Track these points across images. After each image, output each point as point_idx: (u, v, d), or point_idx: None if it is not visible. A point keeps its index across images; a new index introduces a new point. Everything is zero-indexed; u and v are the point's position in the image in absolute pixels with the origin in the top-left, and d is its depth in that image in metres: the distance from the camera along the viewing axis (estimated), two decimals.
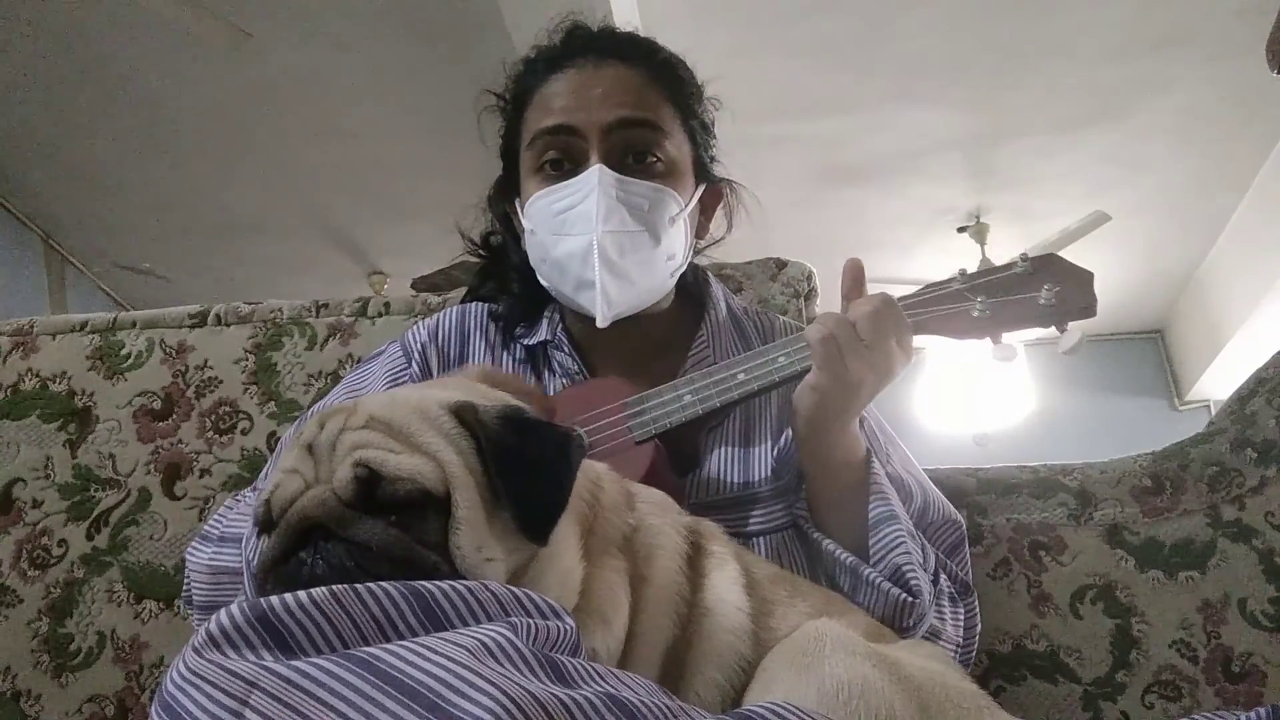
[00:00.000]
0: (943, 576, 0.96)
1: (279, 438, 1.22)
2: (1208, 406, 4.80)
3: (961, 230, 4.21)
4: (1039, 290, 0.93)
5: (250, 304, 1.32)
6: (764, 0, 2.92)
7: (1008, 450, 4.37)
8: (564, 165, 1.05)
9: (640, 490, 0.81)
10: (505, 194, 1.15)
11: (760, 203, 1.19)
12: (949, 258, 4.33)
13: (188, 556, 1.00)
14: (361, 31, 3.21)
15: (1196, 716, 0.68)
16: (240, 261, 4.54)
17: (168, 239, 4.37)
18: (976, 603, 1.01)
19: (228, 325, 1.30)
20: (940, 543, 1.01)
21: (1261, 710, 0.59)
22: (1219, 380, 4.58)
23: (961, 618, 0.97)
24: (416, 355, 1.10)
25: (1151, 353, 5.07)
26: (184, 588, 1.02)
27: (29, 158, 3.83)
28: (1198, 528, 1.09)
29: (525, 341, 1.11)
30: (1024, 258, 0.97)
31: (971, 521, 1.13)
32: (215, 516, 1.03)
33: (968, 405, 4.55)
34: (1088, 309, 0.93)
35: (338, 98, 3.52)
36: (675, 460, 0.99)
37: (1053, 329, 0.95)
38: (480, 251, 1.21)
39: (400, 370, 1.09)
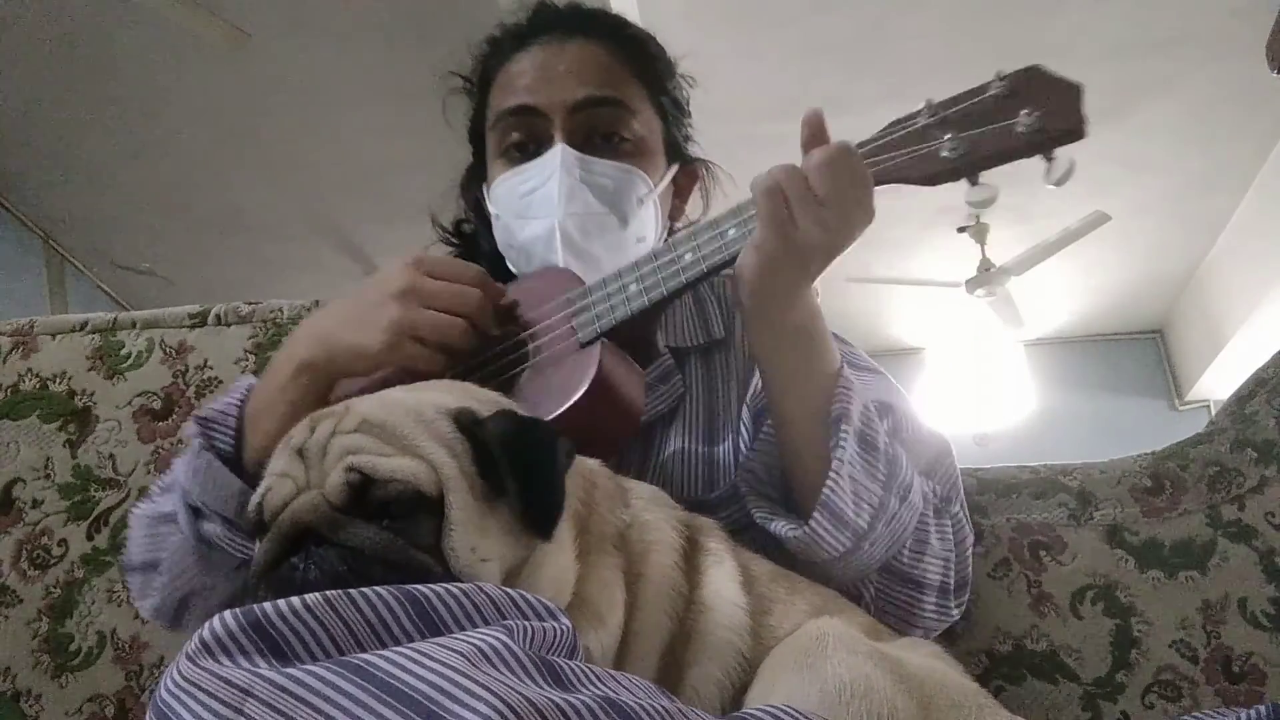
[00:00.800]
0: (928, 484, 0.92)
1: None
2: (1208, 406, 4.81)
3: (961, 230, 4.21)
4: (1016, 116, 0.81)
5: (250, 304, 1.32)
6: (763, 0, 2.92)
7: (1008, 450, 4.38)
8: (528, 147, 1.02)
9: (634, 485, 0.81)
10: (475, 179, 1.12)
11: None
12: (949, 257, 4.33)
13: (130, 519, 0.96)
14: (361, 31, 3.21)
15: (1197, 714, 0.68)
16: (240, 261, 4.55)
17: (168, 239, 4.38)
18: (960, 512, 0.96)
19: (228, 325, 1.30)
20: (916, 460, 0.95)
21: (1261, 708, 0.59)
22: (1219, 380, 4.59)
23: (949, 530, 0.93)
24: None
25: (1151, 353, 5.08)
26: (122, 553, 0.96)
27: (29, 158, 3.83)
28: (1198, 528, 1.09)
29: None
30: (1000, 75, 0.84)
31: (971, 521, 1.13)
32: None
33: (968, 405, 4.55)
34: (1074, 130, 0.81)
35: (338, 98, 3.53)
36: (629, 350, 0.92)
37: (1039, 160, 0.82)
38: (452, 239, 1.18)
39: None
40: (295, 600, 0.51)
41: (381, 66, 3.35)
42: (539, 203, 0.99)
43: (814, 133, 0.84)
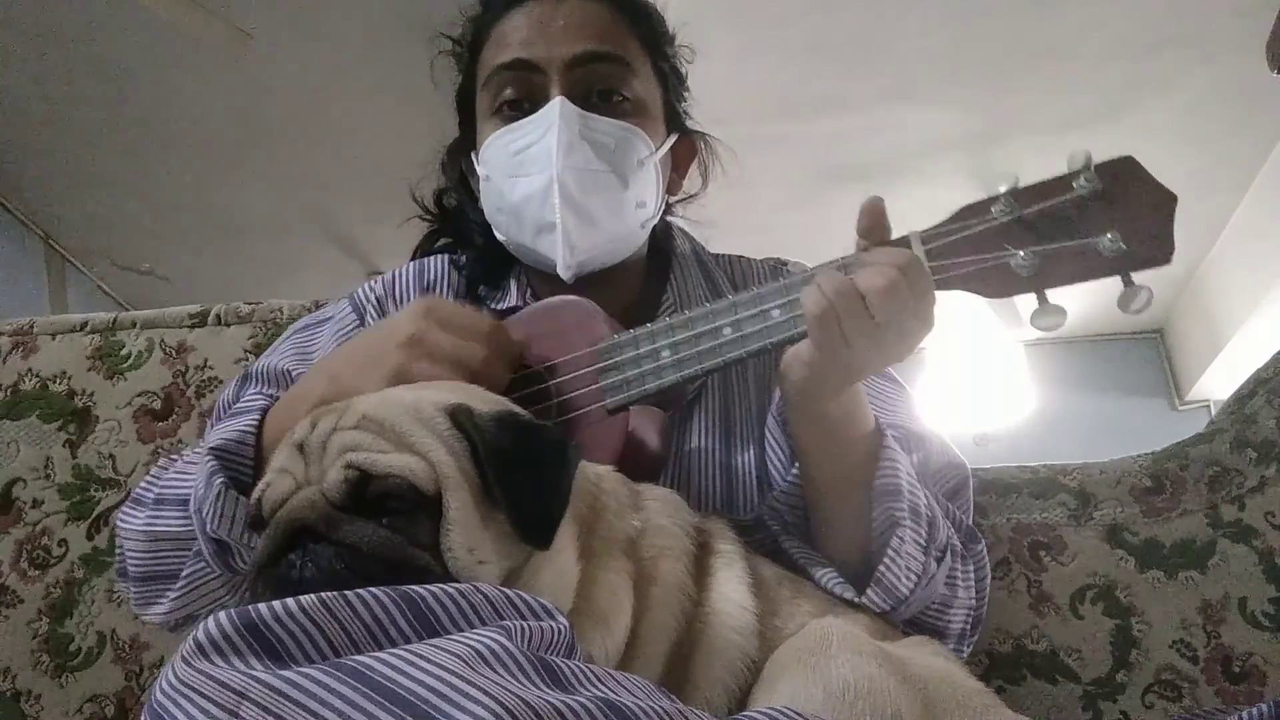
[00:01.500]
0: (954, 534, 0.90)
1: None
2: (1208, 406, 4.80)
3: None
4: (1101, 235, 0.74)
5: (250, 304, 1.32)
6: (764, 0, 2.92)
7: (1008, 450, 4.37)
8: (522, 104, 0.97)
9: (645, 489, 0.80)
10: (462, 150, 1.08)
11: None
12: None
13: (118, 523, 0.93)
14: (361, 31, 3.21)
15: (1198, 712, 0.67)
16: (240, 261, 4.54)
17: (168, 239, 4.37)
18: (984, 549, 0.95)
19: (228, 325, 1.30)
20: (942, 486, 0.95)
21: (1264, 706, 0.59)
22: (1219, 380, 4.58)
23: (972, 574, 0.92)
24: (372, 313, 1.04)
25: (1151, 353, 5.07)
26: (117, 559, 0.93)
27: (29, 158, 3.83)
28: (1198, 528, 1.09)
29: (494, 306, 1.04)
30: (1088, 170, 0.76)
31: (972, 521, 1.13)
32: (147, 479, 0.94)
33: (968, 405, 4.54)
34: (1162, 255, 0.74)
35: (338, 98, 3.52)
36: (654, 401, 0.89)
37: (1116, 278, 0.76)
38: (429, 214, 1.14)
39: (351, 329, 1.04)
40: (290, 602, 0.50)
41: (381, 66, 3.35)
42: (535, 158, 0.94)
43: (874, 223, 0.80)
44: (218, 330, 1.30)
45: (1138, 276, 0.76)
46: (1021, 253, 0.76)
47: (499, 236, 1.03)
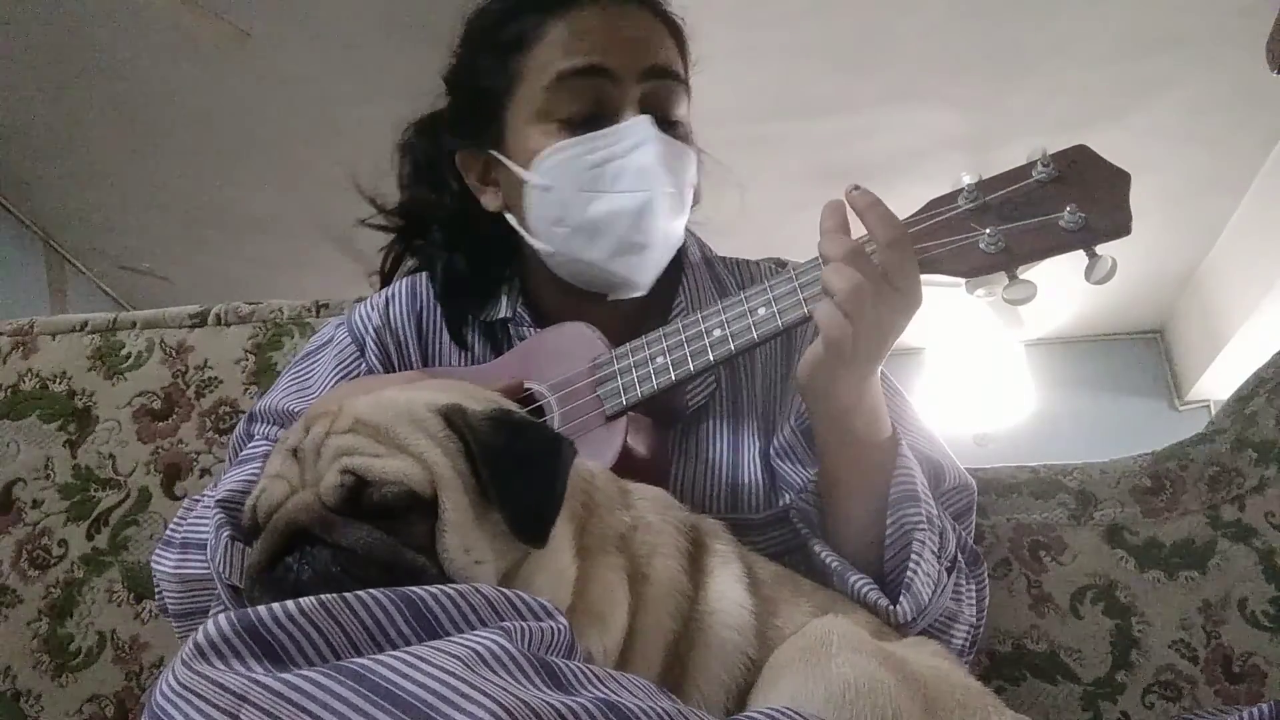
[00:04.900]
0: (959, 552, 0.91)
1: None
2: (1208, 406, 4.80)
3: None
4: (1061, 210, 0.79)
5: (250, 304, 1.32)
6: (763, 0, 2.92)
7: (1008, 450, 4.37)
8: (589, 113, 0.94)
9: (636, 487, 0.81)
10: (468, 140, 1.03)
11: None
12: None
13: (153, 564, 0.94)
14: (362, 31, 3.21)
15: (1198, 712, 0.68)
16: (240, 261, 4.54)
17: (168, 239, 4.37)
18: (984, 572, 0.96)
19: (228, 325, 1.30)
20: (950, 506, 0.96)
21: (1265, 706, 0.59)
22: (1219, 380, 4.58)
23: (974, 593, 0.93)
24: (372, 345, 1.02)
25: (1151, 353, 5.06)
26: (157, 596, 0.96)
27: (29, 158, 3.83)
28: (1198, 528, 1.09)
29: (484, 319, 1.02)
30: (1045, 159, 0.81)
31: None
32: (175, 519, 0.96)
33: (968, 405, 4.54)
34: (1120, 228, 0.78)
35: (338, 98, 3.52)
36: (655, 415, 0.90)
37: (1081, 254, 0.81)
38: (396, 225, 1.11)
39: (352, 362, 1.02)
40: (290, 604, 0.50)
41: (381, 66, 3.35)
42: (625, 173, 0.91)
43: (836, 224, 0.83)
44: (218, 330, 1.30)
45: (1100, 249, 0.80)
46: (988, 231, 0.80)
47: (539, 246, 0.97)
